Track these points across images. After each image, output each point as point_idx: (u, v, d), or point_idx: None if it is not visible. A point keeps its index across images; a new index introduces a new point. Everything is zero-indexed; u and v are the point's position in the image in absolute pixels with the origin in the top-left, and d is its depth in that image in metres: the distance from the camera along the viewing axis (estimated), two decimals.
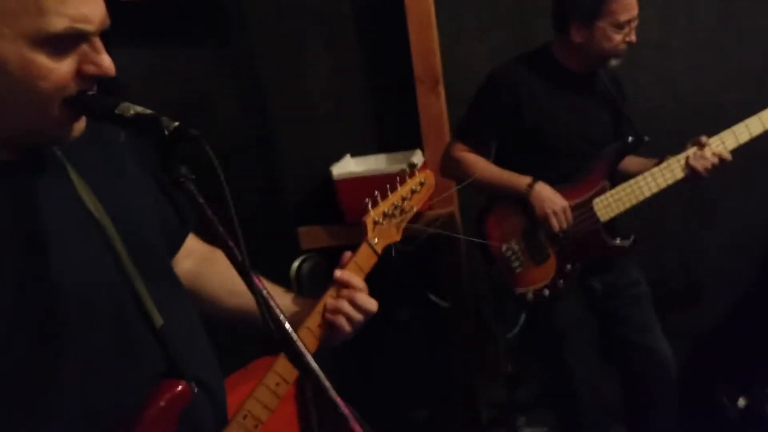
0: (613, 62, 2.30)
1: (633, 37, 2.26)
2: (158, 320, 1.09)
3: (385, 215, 1.35)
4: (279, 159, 3.12)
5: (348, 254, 1.30)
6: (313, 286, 2.73)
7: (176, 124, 0.90)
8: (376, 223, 1.34)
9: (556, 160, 2.33)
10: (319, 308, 1.25)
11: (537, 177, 2.29)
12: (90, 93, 0.96)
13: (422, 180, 1.45)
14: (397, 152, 2.95)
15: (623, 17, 2.20)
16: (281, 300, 1.31)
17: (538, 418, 2.98)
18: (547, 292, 2.34)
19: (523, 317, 2.37)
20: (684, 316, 2.97)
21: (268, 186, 3.11)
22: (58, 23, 0.89)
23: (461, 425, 3.03)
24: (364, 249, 1.32)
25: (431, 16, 2.81)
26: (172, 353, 1.10)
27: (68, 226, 1.03)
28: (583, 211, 2.32)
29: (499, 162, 2.40)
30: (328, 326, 1.25)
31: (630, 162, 2.41)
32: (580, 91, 2.36)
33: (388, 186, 1.38)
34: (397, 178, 1.41)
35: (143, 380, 1.08)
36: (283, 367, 1.20)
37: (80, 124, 1.00)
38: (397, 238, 1.38)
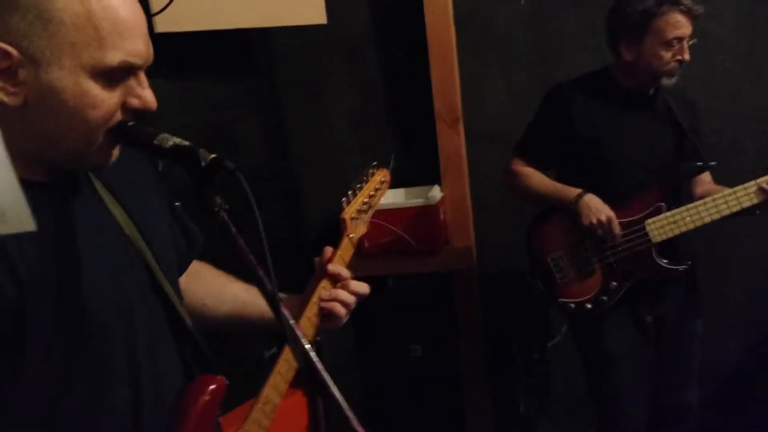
0: (665, 81, 2.27)
1: (685, 56, 2.21)
2: (189, 322, 1.18)
3: (358, 212, 1.48)
4: (299, 190, 3.16)
5: (329, 249, 1.41)
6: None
7: (213, 156, 0.94)
8: (352, 218, 1.47)
9: (609, 176, 2.32)
10: (315, 299, 1.36)
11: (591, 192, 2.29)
12: (130, 123, 0.99)
13: (382, 178, 1.59)
14: (415, 187, 2.99)
15: (670, 35, 2.18)
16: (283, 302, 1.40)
17: None
18: (589, 306, 2.34)
19: (564, 328, 2.37)
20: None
21: (288, 217, 3.14)
22: (116, 57, 0.95)
23: None
24: (345, 243, 1.45)
25: (453, 54, 2.86)
26: (204, 351, 1.19)
27: (104, 242, 1.07)
28: (635, 229, 2.30)
29: (558, 179, 2.41)
30: (324, 314, 1.37)
31: (711, 189, 2.37)
32: (638, 110, 2.34)
33: (357, 186, 1.52)
34: (363, 177, 1.55)
35: (180, 377, 1.17)
36: (291, 354, 1.29)
37: (117, 151, 1.05)
38: (366, 230, 1.52)
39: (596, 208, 2.25)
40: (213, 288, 1.40)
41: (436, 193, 2.87)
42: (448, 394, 2.97)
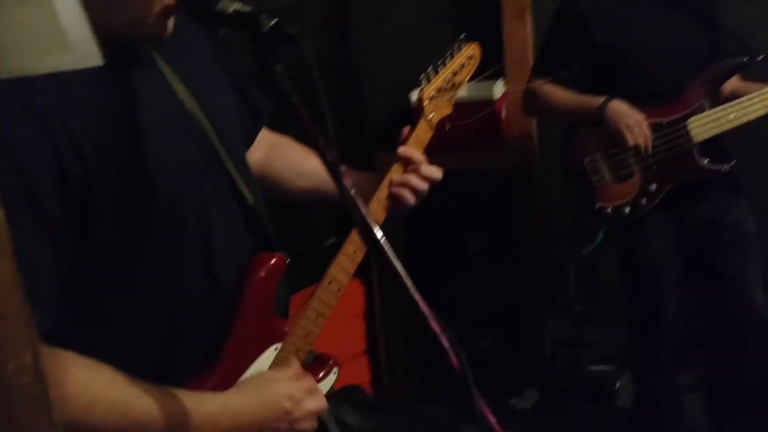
0: None
1: None
2: (249, 198, 1.19)
3: (439, 90, 1.39)
4: (359, 84, 3.12)
5: (407, 128, 1.36)
6: None
7: (274, 21, 0.92)
8: (431, 98, 1.38)
9: (642, 81, 2.22)
10: (386, 182, 1.33)
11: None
12: None
13: (471, 53, 1.48)
14: (478, 80, 2.91)
15: None
16: (351, 177, 1.38)
17: (604, 355, 2.98)
18: (627, 209, 2.28)
19: (600, 235, 2.30)
20: None
21: (347, 111, 3.12)
22: None
23: (525, 356, 3.05)
24: (422, 124, 1.38)
25: None
26: (263, 227, 1.21)
27: (166, 117, 1.09)
28: (676, 128, 2.22)
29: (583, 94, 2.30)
30: (394, 198, 1.33)
31: (741, 86, 2.26)
32: (661, 6, 2.22)
33: (439, 63, 1.42)
34: (448, 52, 1.45)
35: (243, 253, 1.18)
36: (358, 236, 1.27)
37: (171, 23, 1.04)
38: (449, 111, 1.44)
39: (623, 113, 2.16)
40: (292, 161, 1.41)
41: (499, 87, 2.80)
42: (503, 289, 3.00)
